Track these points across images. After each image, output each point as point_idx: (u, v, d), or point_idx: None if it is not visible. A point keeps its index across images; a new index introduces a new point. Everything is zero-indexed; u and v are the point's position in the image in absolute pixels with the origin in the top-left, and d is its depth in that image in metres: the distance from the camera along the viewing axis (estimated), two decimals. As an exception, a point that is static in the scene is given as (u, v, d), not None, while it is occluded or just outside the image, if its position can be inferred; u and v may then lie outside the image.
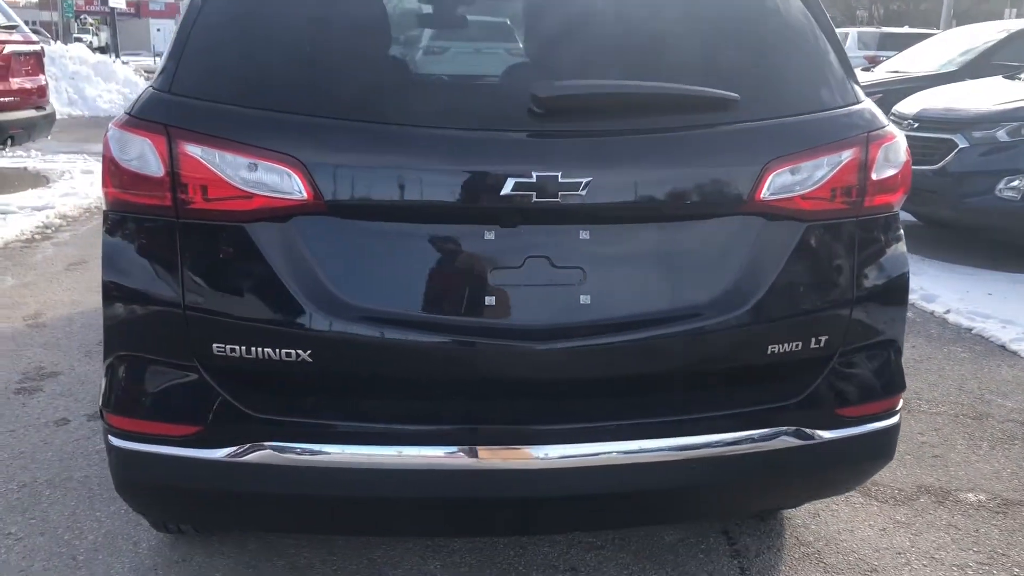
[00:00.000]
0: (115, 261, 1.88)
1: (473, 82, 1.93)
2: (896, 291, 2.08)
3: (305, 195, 1.76)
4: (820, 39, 2.03)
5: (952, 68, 9.21)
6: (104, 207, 1.93)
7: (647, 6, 2.02)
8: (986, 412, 3.71)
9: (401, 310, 1.81)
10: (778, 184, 1.88)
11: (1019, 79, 7.27)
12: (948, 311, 4.94)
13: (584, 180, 1.76)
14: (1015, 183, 5.99)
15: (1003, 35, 9.46)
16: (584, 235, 1.83)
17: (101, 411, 1.96)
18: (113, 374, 1.90)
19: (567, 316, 1.83)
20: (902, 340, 2.14)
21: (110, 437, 1.92)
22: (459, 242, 1.81)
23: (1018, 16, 51.17)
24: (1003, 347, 4.52)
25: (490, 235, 1.81)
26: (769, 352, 1.93)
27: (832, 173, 1.92)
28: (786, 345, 1.94)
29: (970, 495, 3.02)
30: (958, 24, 37.03)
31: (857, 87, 2.06)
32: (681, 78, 1.88)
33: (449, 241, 1.81)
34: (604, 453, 1.86)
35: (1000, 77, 7.62)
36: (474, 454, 1.83)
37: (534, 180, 1.74)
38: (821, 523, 2.81)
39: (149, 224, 1.83)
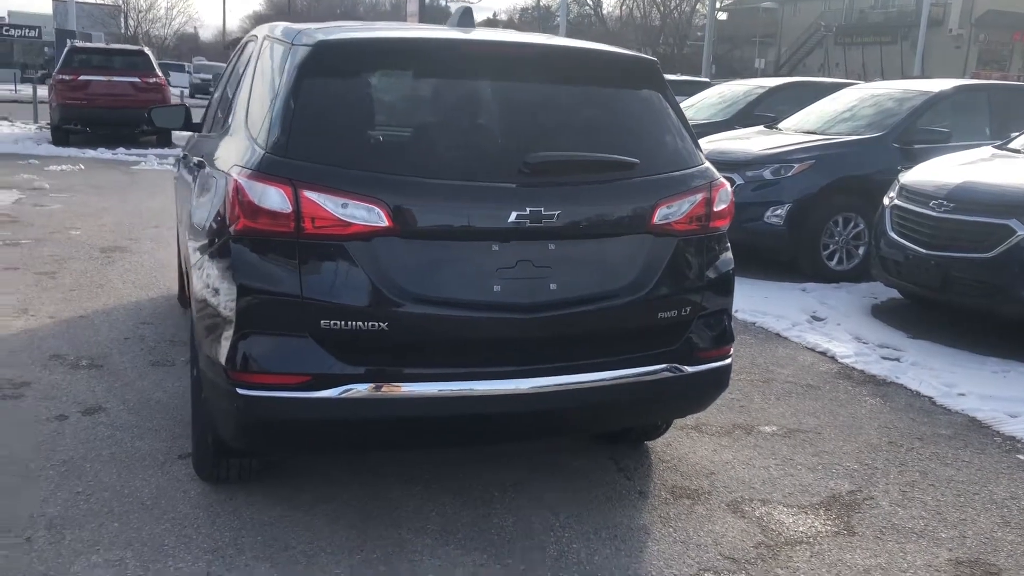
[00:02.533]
0: (247, 269, 2.77)
1: (487, 149, 2.97)
2: (728, 279, 3.33)
3: (386, 223, 2.75)
4: (681, 123, 3.26)
5: (724, 118, 11.10)
6: (232, 234, 2.81)
7: (580, 101, 3.17)
8: (771, 377, 5.14)
9: (443, 295, 2.83)
10: (662, 215, 3.07)
11: (776, 129, 9.12)
12: (737, 310, 6.42)
13: (556, 212, 2.87)
14: (778, 211, 7.69)
15: (762, 91, 11.50)
16: (552, 247, 2.93)
17: (225, 371, 2.83)
18: (240, 344, 2.79)
19: (542, 297, 2.92)
20: (731, 310, 3.40)
21: (237, 389, 2.79)
22: (478, 252, 2.86)
23: (766, 64, 56.93)
24: (778, 335, 6.05)
25: (496, 247, 2.87)
26: (659, 317, 3.11)
27: (692, 208, 3.14)
28: (668, 313, 3.13)
29: (766, 428, 4.37)
30: (717, 69, 41.01)
31: (700, 152, 3.30)
32: (604, 149, 3.05)
33: (473, 251, 2.86)
34: (568, 383, 2.96)
35: (761, 127, 9.47)
36: (489, 385, 2.88)
37: (528, 213, 2.83)
38: (673, 450, 4.03)
39: (277, 244, 2.75)
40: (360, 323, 2.76)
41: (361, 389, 2.79)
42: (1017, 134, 7.08)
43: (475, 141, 2.97)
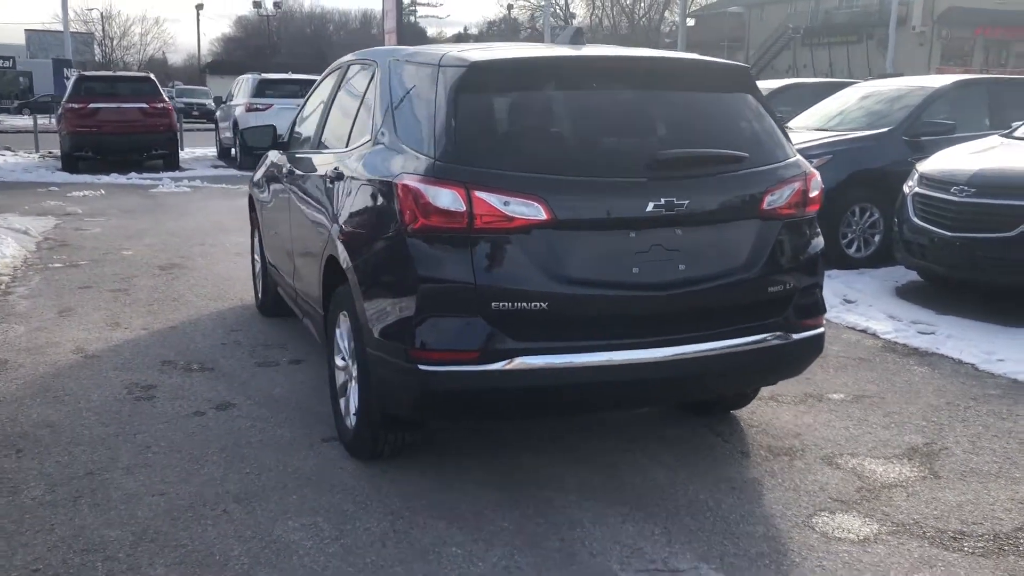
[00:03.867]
0: (426, 261, 3.18)
1: (620, 149, 3.42)
2: (819, 257, 3.78)
3: (545, 217, 3.17)
4: (773, 120, 3.71)
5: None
6: (409, 231, 3.22)
7: (689, 104, 3.62)
8: (824, 353, 5.54)
9: (592, 277, 3.25)
10: (769, 201, 3.52)
11: (788, 128, 9.62)
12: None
13: (685, 202, 3.31)
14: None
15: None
16: (679, 232, 3.36)
17: (406, 351, 3.23)
18: (421, 327, 3.19)
19: (672, 276, 3.36)
20: (823, 284, 3.85)
21: (419, 366, 3.20)
22: (619, 238, 3.29)
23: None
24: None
25: (633, 234, 3.30)
26: (768, 291, 3.55)
27: (791, 195, 3.59)
28: (775, 288, 3.57)
29: (834, 395, 4.82)
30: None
31: (792, 145, 3.76)
32: (720, 146, 3.50)
33: (615, 238, 3.29)
34: (697, 351, 3.39)
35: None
36: (631, 354, 3.30)
37: (663, 203, 3.27)
38: (758, 417, 4.47)
39: (451, 238, 3.16)
40: (524, 303, 3.18)
41: (525, 361, 3.20)
42: (1020, 123, 7.61)
43: (609, 142, 3.41)
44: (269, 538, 3.22)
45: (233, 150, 19.19)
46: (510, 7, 74.14)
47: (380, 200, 3.47)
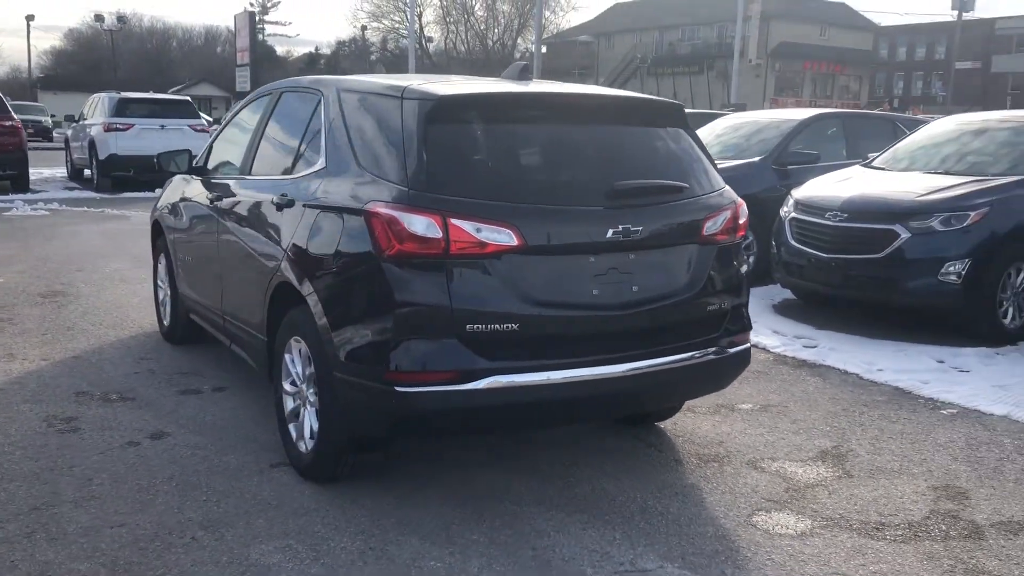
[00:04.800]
0: (403, 285, 3.29)
1: (580, 179, 3.64)
2: (745, 278, 4.13)
3: (516, 243, 3.36)
4: (704, 153, 4.04)
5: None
6: (384, 257, 3.33)
7: (632, 137, 3.89)
8: (726, 367, 6.00)
9: (558, 299, 3.46)
10: (707, 228, 3.84)
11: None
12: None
13: (639, 228, 3.57)
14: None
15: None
16: (631, 256, 3.62)
17: (382, 374, 3.33)
18: (398, 350, 3.31)
19: (627, 297, 3.61)
20: (748, 303, 4.21)
21: (396, 388, 3.31)
22: (581, 263, 3.51)
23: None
24: (712, 333, 6.97)
25: (592, 259, 3.54)
26: (707, 310, 3.86)
27: (725, 222, 3.92)
28: (714, 306, 3.88)
29: (744, 405, 5.21)
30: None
31: (719, 177, 4.10)
32: (664, 176, 3.79)
33: (577, 262, 3.51)
34: (649, 365, 3.64)
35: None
36: (594, 370, 3.52)
37: (620, 229, 3.52)
38: (680, 428, 4.79)
39: (427, 264, 3.29)
40: (497, 325, 3.35)
41: (498, 380, 3.36)
42: (876, 154, 8.38)
43: (569, 172, 3.64)
44: (247, 562, 3.23)
45: (87, 171, 18.36)
46: (364, 28, 73.99)
47: (347, 226, 3.56)
